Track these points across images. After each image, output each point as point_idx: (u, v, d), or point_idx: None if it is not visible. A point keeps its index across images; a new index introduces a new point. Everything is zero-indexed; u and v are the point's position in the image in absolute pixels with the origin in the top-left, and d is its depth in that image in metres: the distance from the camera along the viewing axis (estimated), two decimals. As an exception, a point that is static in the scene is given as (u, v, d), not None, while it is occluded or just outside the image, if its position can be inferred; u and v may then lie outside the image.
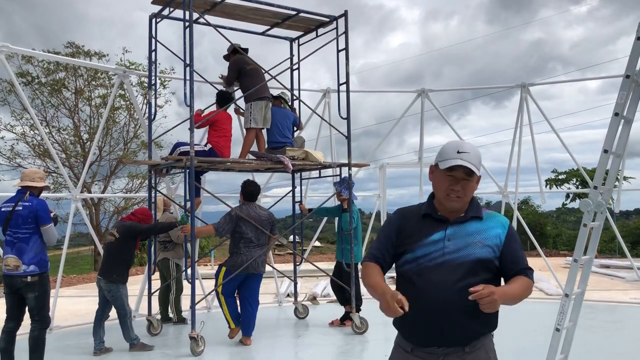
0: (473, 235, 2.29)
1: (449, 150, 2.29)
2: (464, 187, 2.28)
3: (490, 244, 2.28)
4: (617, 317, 8.30)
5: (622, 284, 12.18)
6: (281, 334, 7.30)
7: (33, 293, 5.11)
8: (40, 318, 5.19)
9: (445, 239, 2.29)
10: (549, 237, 25.70)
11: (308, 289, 10.68)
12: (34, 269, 5.09)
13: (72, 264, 25.90)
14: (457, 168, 2.25)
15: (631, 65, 3.96)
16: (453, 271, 2.22)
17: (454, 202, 2.31)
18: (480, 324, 2.28)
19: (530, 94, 9.40)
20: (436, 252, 2.27)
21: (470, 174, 2.27)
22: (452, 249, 2.27)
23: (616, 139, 4.07)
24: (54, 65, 19.94)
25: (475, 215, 2.34)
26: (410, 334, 2.35)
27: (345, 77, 7.49)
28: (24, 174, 5.40)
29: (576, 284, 4.17)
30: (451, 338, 2.26)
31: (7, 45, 6.88)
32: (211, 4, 6.96)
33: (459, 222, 2.33)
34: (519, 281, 2.29)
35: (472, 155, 2.26)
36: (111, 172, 22.23)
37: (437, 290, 2.22)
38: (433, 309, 2.22)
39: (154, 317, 7.30)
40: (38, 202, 5.20)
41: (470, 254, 2.25)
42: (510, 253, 2.31)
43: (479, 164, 2.29)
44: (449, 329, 2.24)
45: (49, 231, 5.16)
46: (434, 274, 2.24)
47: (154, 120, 7.83)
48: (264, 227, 6.62)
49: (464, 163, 2.23)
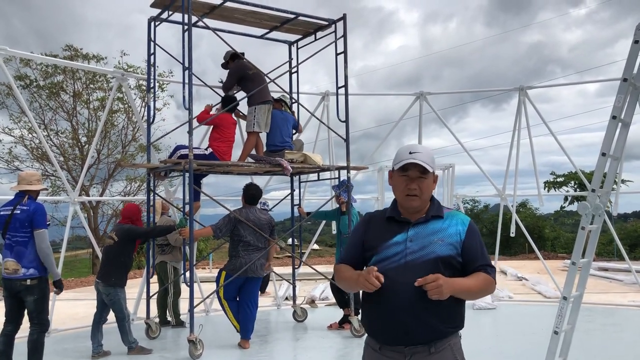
0: (434, 234, 2.37)
1: (402, 153, 2.39)
2: (420, 186, 2.37)
3: (451, 241, 2.35)
4: (616, 319, 8.30)
5: (620, 286, 12.20)
6: (280, 337, 7.29)
7: (32, 296, 5.09)
8: (39, 321, 5.19)
9: (408, 240, 2.37)
10: (547, 239, 25.72)
11: (307, 292, 10.68)
12: (33, 272, 5.07)
13: (70, 267, 25.85)
14: (410, 167, 2.36)
15: (628, 68, 3.98)
16: (416, 271, 2.27)
17: (413, 202, 2.39)
18: (444, 323, 2.33)
19: (528, 96, 9.41)
20: (400, 254, 2.35)
21: (424, 172, 2.36)
22: (414, 249, 2.34)
23: (614, 142, 4.09)
24: (52, 68, 19.94)
25: (436, 215, 2.43)
26: (377, 334, 2.42)
27: (344, 80, 7.51)
28: (21, 177, 5.38)
29: (574, 287, 4.18)
30: (416, 337, 2.31)
31: (5, 48, 6.87)
32: (210, 8, 6.97)
33: (420, 222, 2.41)
34: (474, 276, 2.34)
35: (424, 154, 2.36)
36: (109, 175, 22.20)
37: (401, 290, 2.28)
38: (398, 309, 2.29)
39: (152, 320, 7.29)
40: (36, 206, 5.17)
41: (431, 252, 2.32)
42: (470, 249, 2.37)
43: (432, 163, 2.38)
44: (414, 328, 2.29)
45: (40, 236, 5.08)
46: (399, 274, 2.30)
47: (152, 123, 7.83)
48: (263, 231, 6.62)
49: (415, 161, 2.33)
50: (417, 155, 2.34)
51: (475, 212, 28.44)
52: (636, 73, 3.98)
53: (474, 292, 2.34)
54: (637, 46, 3.94)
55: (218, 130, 7.04)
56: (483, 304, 8.89)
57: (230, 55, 7.42)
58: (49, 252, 5.13)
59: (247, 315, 6.59)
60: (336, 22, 7.57)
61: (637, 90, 4.02)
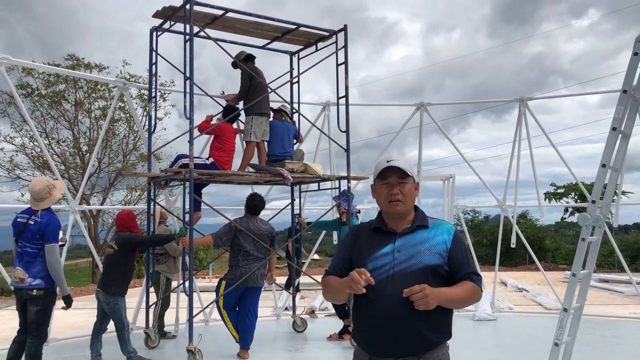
0: (420, 244, 2.40)
1: (380, 163, 2.47)
2: (401, 190, 2.42)
3: (437, 250, 2.38)
4: (617, 331, 8.26)
5: (621, 298, 12.17)
6: (279, 348, 7.26)
7: (36, 307, 5.06)
8: (37, 333, 5.15)
9: (395, 251, 2.39)
10: (548, 251, 25.69)
11: (306, 302, 10.64)
12: (39, 282, 5.05)
13: (69, 276, 25.80)
14: (389, 174, 2.42)
15: (628, 80, 4.00)
16: (404, 281, 2.29)
17: (397, 207, 2.43)
18: (433, 333, 2.34)
19: (528, 107, 9.43)
20: (387, 264, 2.37)
21: (403, 177, 2.42)
22: (401, 259, 2.36)
23: (614, 154, 4.10)
24: (54, 77, 20.02)
25: (422, 224, 2.46)
26: (367, 345, 2.43)
27: (345, 91, 7.53)
28: (30, 192, 5.26)
29: (575, 299, 4.17)
30: (405, 348, 2.32)
31: (7, 58, 6.91)
32: (211, 18, 7.01)
33: (406, 232, 2.44)
34: (460, 285, 2.37)
35: (401, 161, 2.43)
36: (110, 184, 22.24)
37: (389, 301, 2.30)
38: (387, 320, 2.30)
39: (151, 329, 7.26)
40: (49, 219, 5.12)
41: (419, 262, 2.34)
42: (456, 258, 2.40)
43: (410, 168, 2.44)
44: (403, 339, 2.30)
45: (50, 250, 5.04)
46: (387, 285, 2.32)
47: (153, 132, 7.86)
48: (263, 241, 6.61)
49: (393, 164, 2.40)
50: (394, 162, 2.41)
51: (475, 222, 28.44)
52: (636, 85, 4.00)
53: (460, 301, 2.37)
54: (637, 58, 3.96)
55: (219, 139, 7.07)
56: (484, 315, 8.86)
57: (245, 56, 7.50)
58: (57, 267, 5.10)
59: (246, 325, 6.56)
60: (337, 33, 7.61)
61: (637, 102, 4.04)
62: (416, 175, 2.52)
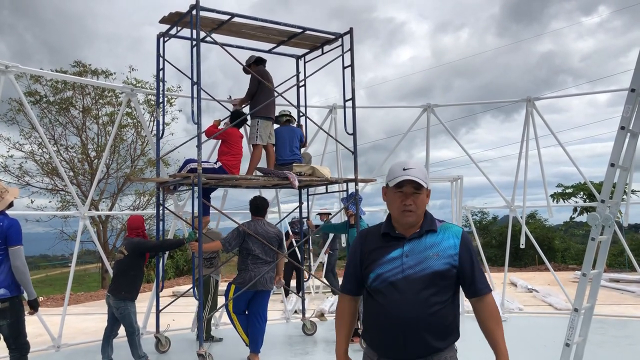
0: (429, 249, 2.41)
1: (396, 169, 2.45)
2: (415, 201, 2.42)
3: (446, 255, 2.40)
4: (628, 331, 8.21)
5: (632, 298, 12.08)
6: (289, 351, 7.27)
7: (5, 320, 4.76)
8: (17, 347, 4.89)
9: (404, 256, 2.40)
10: (557, 251, 25.51)
11: (316, 305, 10.64)
12: (4, 292, 4.72)
13: (79, 282, 25.93)
14: (405, 183, 2.41)
15: (636, 79, 3.98)
16: (413, 286, 2.33)
17: (409, 217, 2.43)
18: (441, 337, 2.37)
19: (535, 107, 9.40)
20: (396, 269, 2.39)
21: (418, 188, 2.41)
22: (410, 264, 2.38)
23: (623, 153, 4.08)
24: (61, 84, 20.16)
25: (430, 229, 2.47)
26: (376, 347, 2.47)
27: (351, 93, 7.55)
28: None
29: (585, 299, 4.15)
30: (414, 351, 2.35)
31: (16, 66, 6.97)
32: (218, 23, 7.05)
33: (415, 237, 2.45)
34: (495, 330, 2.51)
35: (417, 170, 2.42)
36: (119, 189, 22.33)
37: (398, 305, 2.33)
38: (396, 324, 2.34)
39: (162, 334, 7.29)
40: (10, 222, 4.82)
41: (427, 267, 2.37)
42: (465, 263, 2.42)
43: (425, 178, 2.44)
44: (411, 342, 2.33)
45: (15, 253, 4.74)
46: (396, 290, 2.35)
47: (161, 137, 7.89)
48: (271, 244, 6.62)
49: (410, 177, 2.38)
50: (411, 172, 2.40)
51: (484, 223, 28.30)
52: (644, 83, 3.98)
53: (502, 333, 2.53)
54: (645, 57, 3.94)
55: (226, 144, 7.10)
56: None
57: (255, 59, 7.53)
58: (24, 270, 4.83)
59: (256, 328, 6.56)
60: (343, 36, 7.63)
61: (645, 100, 4.02)
62: (429, 183, 2.53)
